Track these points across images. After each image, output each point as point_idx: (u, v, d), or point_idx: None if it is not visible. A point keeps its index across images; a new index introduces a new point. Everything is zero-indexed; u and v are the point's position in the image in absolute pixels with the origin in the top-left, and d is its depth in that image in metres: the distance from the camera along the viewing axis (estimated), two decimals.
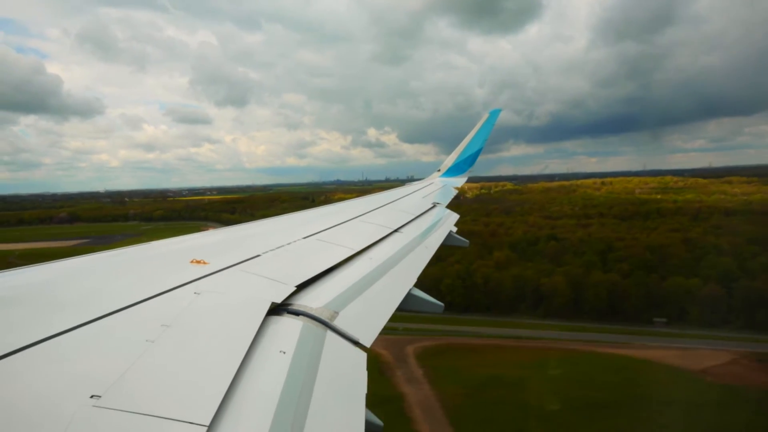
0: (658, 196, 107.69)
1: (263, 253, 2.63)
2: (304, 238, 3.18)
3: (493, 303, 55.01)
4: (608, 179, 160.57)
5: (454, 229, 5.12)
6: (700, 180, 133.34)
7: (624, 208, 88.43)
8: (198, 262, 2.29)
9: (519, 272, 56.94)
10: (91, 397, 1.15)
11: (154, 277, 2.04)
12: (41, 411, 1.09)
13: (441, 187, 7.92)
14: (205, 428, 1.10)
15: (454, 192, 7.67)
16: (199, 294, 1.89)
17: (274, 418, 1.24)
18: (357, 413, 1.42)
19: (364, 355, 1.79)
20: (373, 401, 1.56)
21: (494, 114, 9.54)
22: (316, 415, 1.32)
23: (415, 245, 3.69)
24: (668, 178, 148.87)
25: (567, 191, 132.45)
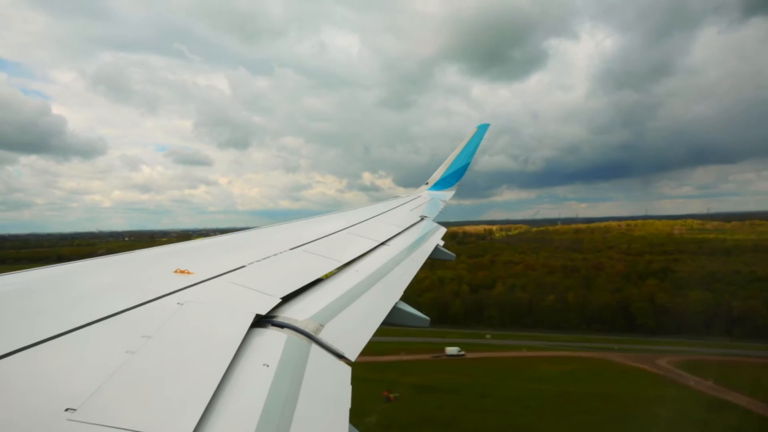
0: (711, 236, 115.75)
1: (249, 264, 2.60)
2: (291, 249, 3.15)
3: (686, 324, 61.31)
4: (632, 222, 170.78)
5: (441, 243, 5.13)
6: (725, 223, 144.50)
7: (698, 246, 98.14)
8: (182, 272, 2.25)
9: (701, 297, 64.47)
10: (66, 410, 1.11)
11: (137, 287, 2.00)
12: (13, 425, 1.05)
13: (429, 200, 7.96)
14: None
15: (442, 205, 7.70)
16: (182, 305, 1.85)
17: (256, 431, 1.22)
18: (341, 428, 1.40)
19: (348, 369, 1.78)
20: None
21: (482, 128, 9.67)
22: (299, 429, 1.30)
23: (402, 258, 3.70)
24: (690, 221, 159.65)
25: (603, 232, 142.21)
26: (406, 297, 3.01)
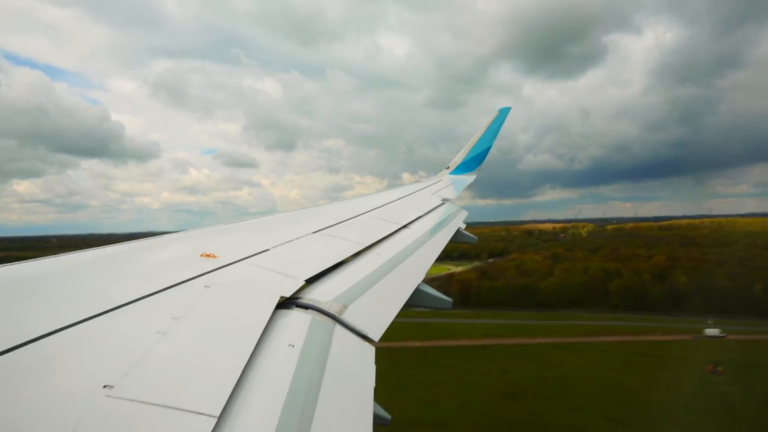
0: None
1: (273, 247, 2.64)
2: (314, 232, 3.17)
3: None
4: (715, 219, 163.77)
5: (463, 226, 5.08)
6: None
7: None
8: (208, 255, 2.29)
9: None
10: (104, 387, 1.15)
11: (165, 270, 2.05)
12: (55, 401, 1.10)
13: (450, 184, 7.86)
14: (215, 419, 1.10)
15: (463, 189, 7.63)
16: (209, 287, 1.89)
17: (282, 410, 1.25)
18: (365, 407, 1.42)
19: (372, 349, 1.79)
20: None
21: (504, 112, 9.42)
22: (324, 408, 1.32)
23: (423, 241, 3.67)
24: None
25: (693, 229, 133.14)
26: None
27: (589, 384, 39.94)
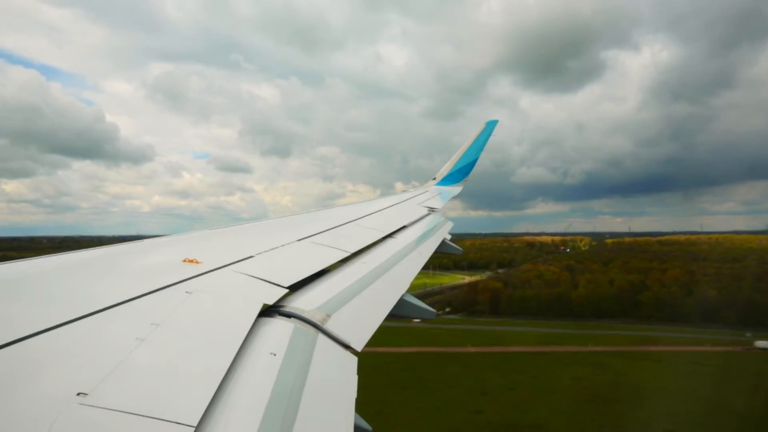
0: None
1: (257, 254, 2.61)
2: (299, 240, 3.15)
3: None
4: (712, 236, 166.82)
5: (449, 237, 5.08)
6: None
7: None
8: (191, 261, 2.26)
9: None
10: (78, 394, 1.13)
11: (146, 275, 2.02)
12: (26, 408, 1.07)
13: (437, 194, 7.91)
14: (193, 429, 1.09)
15: (449, 199, 7.66)
16: (190, 293, 1.87)
17: (262, 419, 1.23)
18: (346, 417, 1.41)
19: (354, 359, 1.78)
20: None
21: (491, 124, 9.59)
22: (304, 418, 1.31)
23: (408, 251, 3.68)
24: None
25: (691, 245, 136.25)
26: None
27: (665, 391, 39.75)
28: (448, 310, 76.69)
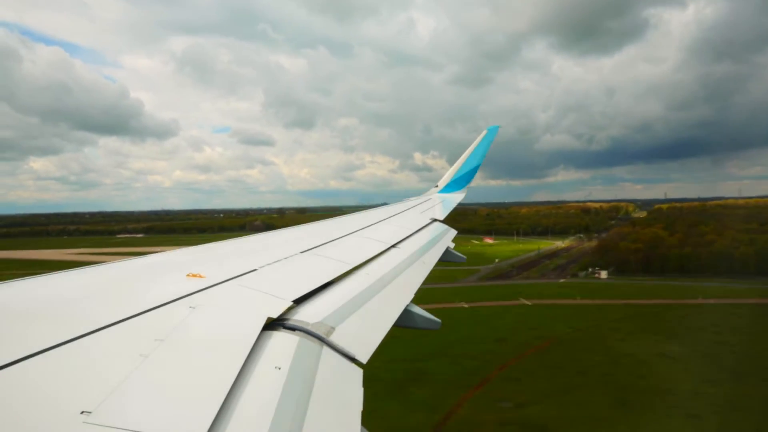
0: None
1: (260, 267, 2.63)
2: (302, 252, 3.17)
3: None
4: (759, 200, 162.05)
5: (452, 245, 5.12)
6: None
7: None
8: (194, 275, 2.27)
9: None
10: (81, 413, 1.12)
11: (150, 291, 2.03)
12: (30, 427, 1.07)
13: (439, 202, 7.94)
14: None
15: (452, 207, 7.67)
16: (194, 308, 1.87)
17: None
18: (352, 430, 1.39)
19: (360, 372, 1.77)
20: None
21: (492, 130, 9.67)
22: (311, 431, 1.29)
23: (412, 261, 3.69)
24: None
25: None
26: None
27: None
28: (591, 270, 75.68)
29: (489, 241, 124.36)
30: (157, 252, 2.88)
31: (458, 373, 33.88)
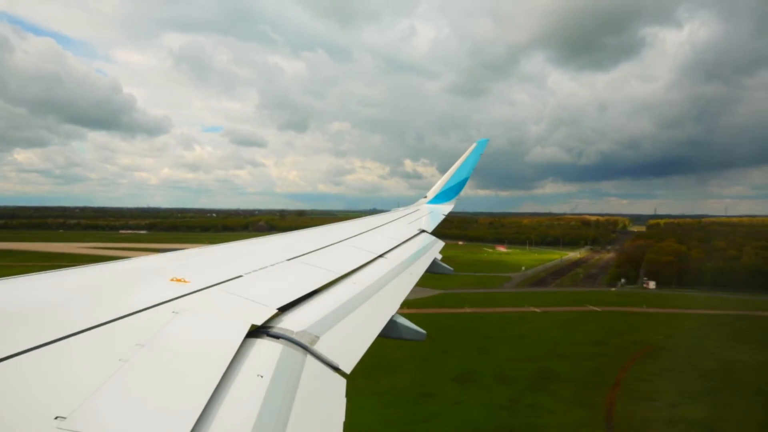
0: None
1: (246, 273, 2.58)
2: (288, 259, 3.12)
3: None
4: (743, 219, 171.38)
5: (439, 257, 5.06)
6: None
7: None
8: (178, 280, 2.23)
9: None
10: (56, 418, 1.09)
11: (132, 294, 1.98)
12: (1, 431, 1.03)
13: (428, 213, 7.93)
14: None
15: (441, 218, 7.66)
16: (177, 313, 1.84)
17: None
18: None
19: (343, 381, 1.76)
20: None
21: (482, 144, 9.82)
22: None
23: (399, 271, 3.66)
24: None
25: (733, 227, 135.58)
26: None
27: None
28: (623, 281, 77.71)
29: (502, 249, 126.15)
30: (167, 249, 2.86)
31: (585, 373, 34.86)
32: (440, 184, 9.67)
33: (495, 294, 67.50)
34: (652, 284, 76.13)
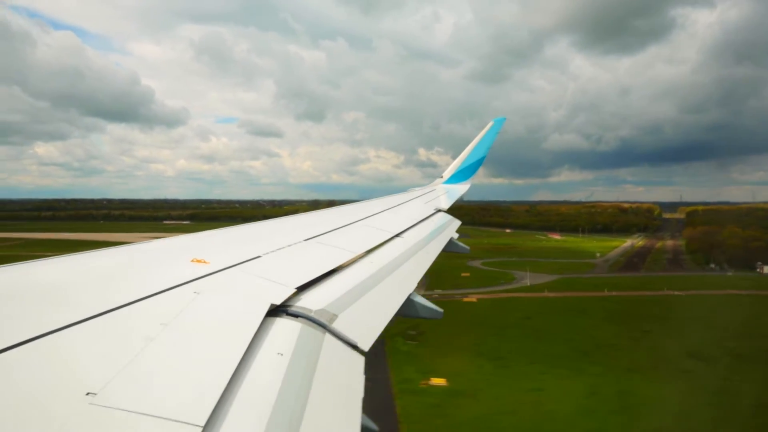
0: None
1: (264, 254, 2.63)
2: (306, 240, 3.17)
3: None
4: None
5: (456, 236, 5.09)
6: None
7: None
8: (199, 261, 2.28)
9: None
10: (87, 394, 1.14)
11: (155, 275, 2.04)
12: (36, 408, 1.08)
13: (444, 193, 7.90)
14: (200, 429, 1.09)
15: (457, 197, 7.65)
16: (198, 293, 1.88)
17: (269, 419, 1.23)
18: (353, 417, 1.41)
19: (362, 359, 1.78)
20: None
21: (498, 122, 9.58)
22: (311, 418, 1.31)
23: (416, 250, 3.68)
24: None
25: None
26: None
27: None
28: (712, 266, 79.35)
29: (557, 237, 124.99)
30: None
31: None
32: (456, 163, 9.53)
33: (611, 278, 66.80)
34: (766, 269, 76.77)
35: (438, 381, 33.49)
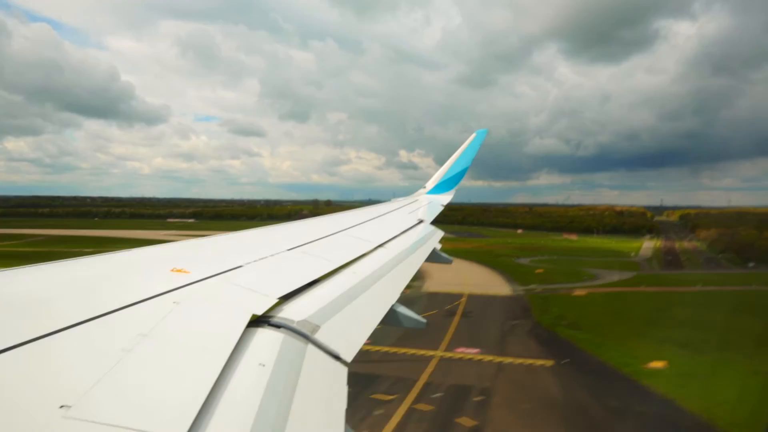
0: None
1: (246, 263, 2.60)
2: (288, 249, 3.16)
3: None
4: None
5: (439, 246, 5.13)
6: None
7: None
8: (179, 270, 2.25)
9: None
10: (61, 407, 1.10)
11: (134, 285, 1.99)
12: (7, 421, 1.05)
13: (427, 203, 7.97)
14: None
15: (440, 209, 7.71)
16: (178, 303, 1.85)
17: (251, 431, 1.22)
18: (336, 428, 1.40)
19: (344, 370, 1.78)
20: None
21: (481, 134, 9.82)
22: (294, 429, 1.30)
23: (399, 261, 3.70)
24: None
25: None
26: None
27: None
28: (752, 264, 78.93)
29: (573, 237, 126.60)
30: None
31: None
32: (439, 174, 9.64)
33: (684, 276, 65.90)
34: None
35: (657, 364, 30.86)
